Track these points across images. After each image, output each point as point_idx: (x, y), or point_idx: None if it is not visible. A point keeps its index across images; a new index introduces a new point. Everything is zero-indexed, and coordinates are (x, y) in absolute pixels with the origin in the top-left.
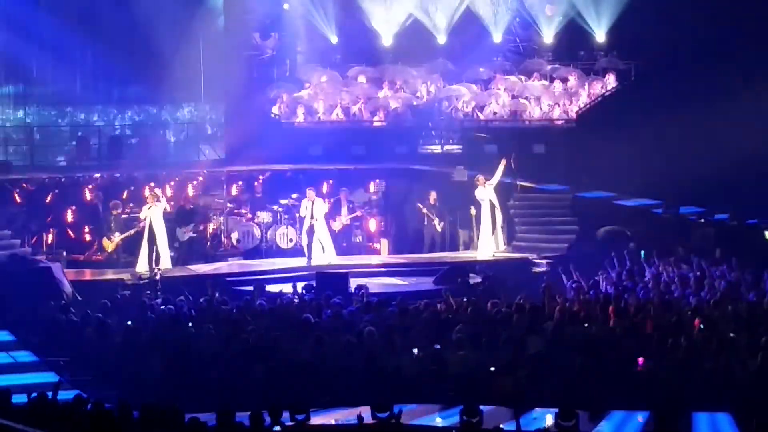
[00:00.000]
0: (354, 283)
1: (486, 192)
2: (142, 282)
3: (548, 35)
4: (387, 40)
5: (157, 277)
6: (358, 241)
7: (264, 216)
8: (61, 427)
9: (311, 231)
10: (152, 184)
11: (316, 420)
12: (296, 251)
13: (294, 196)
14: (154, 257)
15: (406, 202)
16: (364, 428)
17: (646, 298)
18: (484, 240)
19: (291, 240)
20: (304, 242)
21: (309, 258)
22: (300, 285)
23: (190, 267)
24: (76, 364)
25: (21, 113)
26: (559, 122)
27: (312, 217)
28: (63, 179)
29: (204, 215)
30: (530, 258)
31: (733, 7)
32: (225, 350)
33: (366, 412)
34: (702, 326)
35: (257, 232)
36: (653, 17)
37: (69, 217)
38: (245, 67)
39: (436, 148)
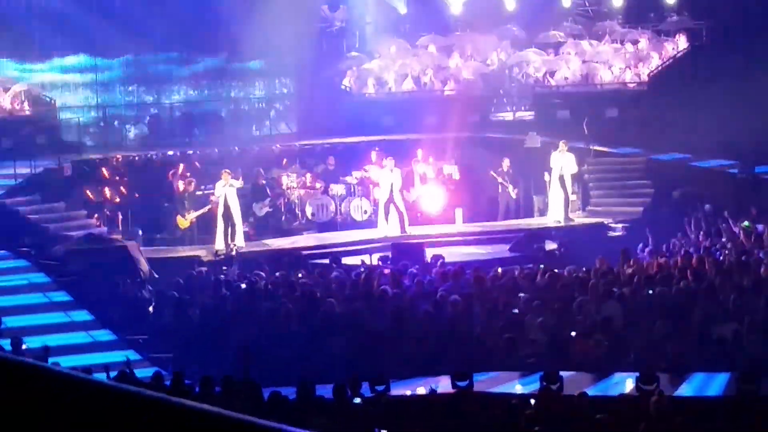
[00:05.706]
0: (429, 253)
1: (558, 159)
2: (218, 258)
3: None
4: (456, 8)
5: (234, 253)
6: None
7: (338, 189)
8: None
9: (390, 201)
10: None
11: (396, 390)
12: (370, 223)
13: (367, 167)
14: (229, 233)
15: (479, 170)
16: (444, 398)
17: (723, 260)
18: (551, 206)
19: (365, 212)
20: (383, 212)
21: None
22: (375, 257)
23: (266, 242)
24: (154, 341)
25: (93, 94)
26: (631, 85)
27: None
28: (136, 158)
29: (278, 190)
30: (606, 222)
31: None
32: (303, 324)
33: (445, 381)
34: None
35: (331, 204)
36: None
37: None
38: (315, 40)
39: (508, 116)
